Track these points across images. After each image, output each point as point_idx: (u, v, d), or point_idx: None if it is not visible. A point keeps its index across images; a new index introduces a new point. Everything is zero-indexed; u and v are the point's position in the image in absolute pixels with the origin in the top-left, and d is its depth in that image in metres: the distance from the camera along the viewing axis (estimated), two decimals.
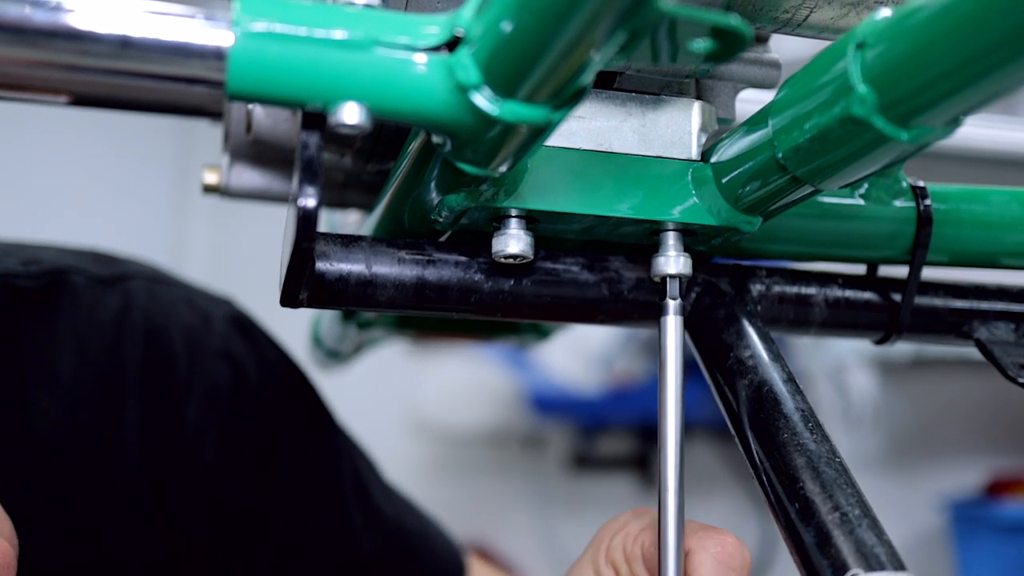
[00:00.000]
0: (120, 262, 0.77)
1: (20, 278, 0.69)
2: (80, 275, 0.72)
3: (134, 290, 0.74)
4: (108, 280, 0.73)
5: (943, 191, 0.57)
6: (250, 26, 0.36)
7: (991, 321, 0.59)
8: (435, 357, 2.55)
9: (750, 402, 0.48)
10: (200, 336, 0.75)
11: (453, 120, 0.38)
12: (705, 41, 0.35)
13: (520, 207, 0.47)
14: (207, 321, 0.76)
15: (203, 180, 0.70)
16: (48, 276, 0.70)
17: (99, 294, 0.72)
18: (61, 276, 0.71)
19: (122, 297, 0.73)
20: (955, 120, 0.38)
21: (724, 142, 0.49)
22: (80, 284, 0.71)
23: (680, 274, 0.50)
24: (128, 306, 0.72)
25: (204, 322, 0.76)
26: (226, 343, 0.76)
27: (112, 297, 0.72)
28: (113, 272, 0.74)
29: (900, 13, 0.36)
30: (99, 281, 0.72)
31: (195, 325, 0.75)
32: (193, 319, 0.75)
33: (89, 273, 0.72)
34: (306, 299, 0.49)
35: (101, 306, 0.71)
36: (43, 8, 0.35)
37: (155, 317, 0.73)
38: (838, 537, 0.41)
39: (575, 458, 2.65)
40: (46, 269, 0.71)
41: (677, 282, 0.50)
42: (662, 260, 0.50)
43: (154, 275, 0.77)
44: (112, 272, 0.74)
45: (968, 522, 2.30)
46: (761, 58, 0.54)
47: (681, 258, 0.50)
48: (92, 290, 0.72)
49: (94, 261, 0.75)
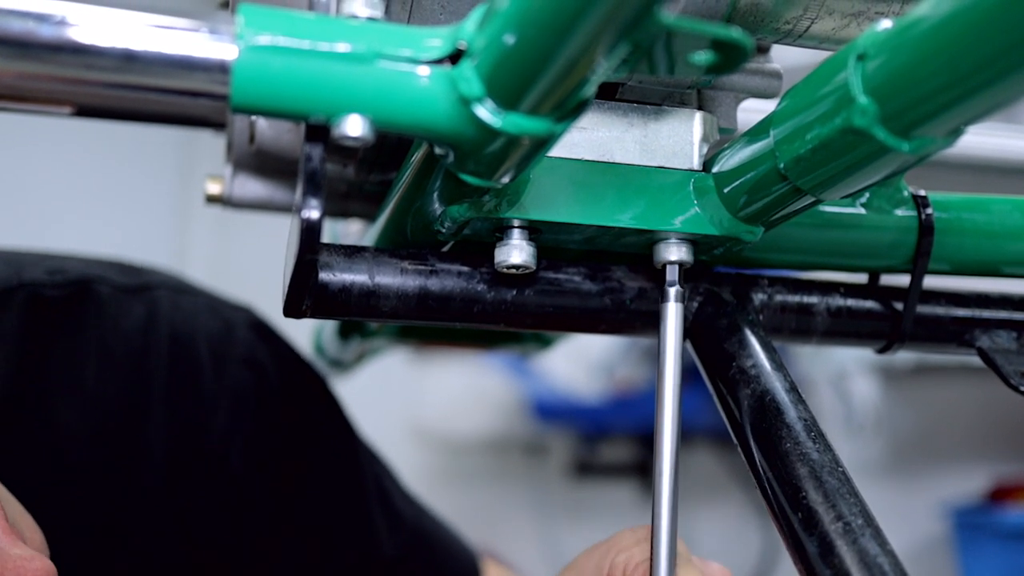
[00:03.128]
0: (144, 272, 0.77)
1: (46, 287, 0.70)
2: (105, 285, 0.72)
3: (158, 299, 0.74)
4: (133, 290, 0.74)
5: (944, 200, 0.57)
6: (254, 39, 0.36)
7: (993, 330, 0.59)
8: (437, 365, 2.55)
9: (753, 412, 0.48)
10: (224, 344, 0.76)
11: (456, 132, 0.38)
12: (707, 53, 0.35)
13: (522, 218, 0.47)
14: (230, 329, 0.77)
15: (206, 190, 0.70)
16: (74, 286, 0.71)
17: (124, 304, 0.72)
18: (86, 286, 0.71)
19: (147, 306, 0.73)
20: (956, 130, 0.38)
21: (726, 152, 0.49)
22: (105, 294, 0.72)
23: (681, 261, 0.50)
24: (153, 315, 0.73)
25: (227, 330, 0.77)
26: (249, 350, 0.77)
27: (137, 307, 0.73)
28: (137, 282, 0.75)
29: (901, 25, 0.36)
30: (124, 291, 0.73)
31: (219, 333, 0.76)
32: (217, 327, 0.76)
33: (114, 283, 0.73)
34: (309, 309, 0.49)
35: (126, 315, 0.72)
36: (48, 22, 0.35)
37: (180, 326, 0.74)
38: (841, 547, 0.41)
39: (577, 465, 2.65)
40: (71, 279, 0.71)
41: (677, 268, 0.50)
42: (663, 247, 0.50)
43: (177, 285, 0.78)
44: (136, 282, 0.74)
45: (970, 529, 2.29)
46: (762, 68, 0.54)
47: (683, 246, 0.50)
48: (117, 300, 0.72)
49: (118, 271, 0.75)
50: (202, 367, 0.73)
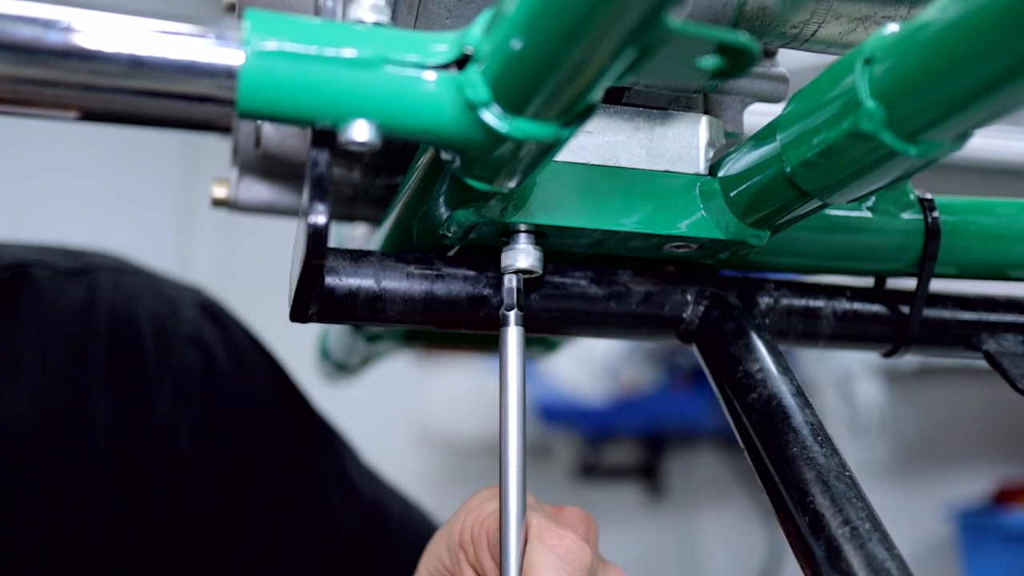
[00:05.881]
0: (85, 255, 0.76)
1: None
2: (43, 268, 0.71)
3: (98, 281, 0.73)
4: (72, 272, 0.73)
5: (951, 203, 0.57)
6: (261, 45, 0.36)
7: (1000, 333, 0.58)
8: (441, 367, 2.55)
9: (759, 416, 0.48)
10: (168, 324, 0.74)
11: (462, 137, 0.38)
12: (713, 58, 0.35)
13: (529, 222, 0.47)
14: (175, 308, 0.76)
15: (212, 194, 0.70)
16: (10, 270, 0.70)
17: (62, 286, 0.71)
18: (23, 270, 0.71)
19: (86, 288, 0.72)
20: (964, 135, 0.38)
21: (732, 156, 0.49)
22: (43, 277, 0.71)
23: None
24: (92, 296, 0.72)
25: (172, 310, 0.75)
26: (195, 330, 0.75)
27: (76, 288, 0.72)
28: (77, 264, 0.74)
29: (908, 28, 0.36)
30: (62, 273, 0.72)
31: (162, 313, 0.75)
32: (160, 307, 0.75)
33: (52, 266, 0.72)
34: (316, 314, 0.49)
35: (65, 297, 0.71)
36: (55, 28, 0.35)
37: (120, 306, 0.73)
38: (848, 552, 0.41)
39: (581, 467, 2.65)
40: (7, 263, 0.70)
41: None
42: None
43: (119, 265, 0.77)
44: (76, 264, 0.74)
45: (976, 531, 2.29)
46: (769, 72, 0.54)
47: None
48: (55, 282, 0.71)
49: (60, 255, 0.74)
50: (144, 347, 0.72)
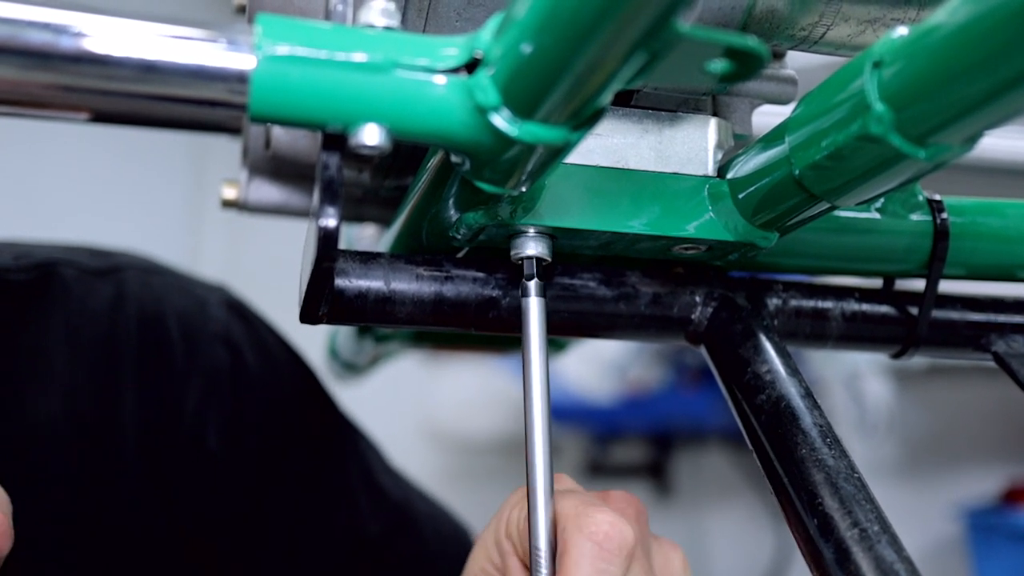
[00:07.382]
0: (113, 255, 0.76)
1: (11, 272, 0.69)
2: (71, 267, 0.72)
3: (126, 280, 0.73)
4: (100, 271, 0.73)
5: (959, 204, 0.57)
6: (272, 50, 0.36)
7: (1008, 334, 0.58)
8: (449, 366, 2.55)
9: (768, 417, 0.48)
10: (196, 322, 0.74)
11: (472, 141, 0.38)
12: (722, 62, 0.35)
13: (538, 224, 0.47)
14: (202, 307, 0.76)
15: (222, 195, 0.70)
16: (39, 269, 0.70)
17: (91, 285, 0.72)
18: (51, 269, 0.71)
19: (115, 287, 0.72)
20: (973, 137, 0.38)
21: (740, 158, 0.49)
22: (71, 276, 0.71)
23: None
24: (121, 296, 0.72)
25: (199, 308, 0.76)
26: (223, 328, 0.76)
27: (104, 288, 0.72)
28: (105, 264, 0.74)
29: (917, 32, 0.36)
30: (90, 273, 0.72)
31: (190, 311, 0.75)
32: (188, 305, 0.75)
33: (80, 265, 0.72)
34: (326, 315, 0.49)
35: (93, 297, 0.71)
36: (67, 34, 0.35)
37: (149, 305, 0.73)
38: (857, 554, 0.41)
39: (589, 466, 2.65)
40: (35, 263, 0.70)
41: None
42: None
43: (147, 265, 0.77)
44: (104, 264, 0.74)
45: (984, 530, 2.29)
46: (778, 74, 0.54)
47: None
48: (83, 282, 0.71)
49: (87, 255, 0.75)
50: (173, 346, 0.72)
